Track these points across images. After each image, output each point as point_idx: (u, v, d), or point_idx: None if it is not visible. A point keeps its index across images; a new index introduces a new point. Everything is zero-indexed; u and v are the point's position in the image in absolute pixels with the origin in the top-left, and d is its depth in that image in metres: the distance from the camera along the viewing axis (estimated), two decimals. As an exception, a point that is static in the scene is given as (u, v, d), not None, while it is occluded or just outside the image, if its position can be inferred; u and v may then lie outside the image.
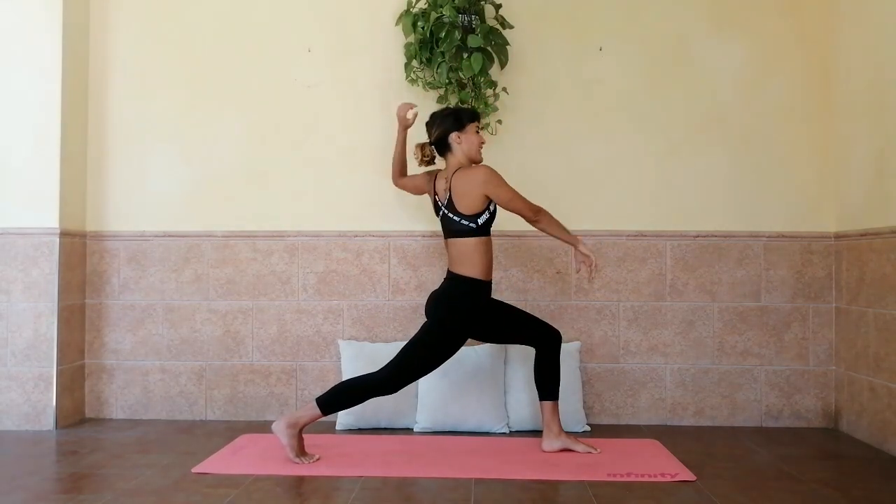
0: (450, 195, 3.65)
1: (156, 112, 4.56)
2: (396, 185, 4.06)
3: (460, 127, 3.72)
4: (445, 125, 3.72)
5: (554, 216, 3.71)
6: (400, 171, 4.03)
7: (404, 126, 3.97)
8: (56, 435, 4.14)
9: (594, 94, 4.47)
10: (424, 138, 3.88)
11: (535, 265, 4.45)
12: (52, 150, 4.29)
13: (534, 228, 4.41)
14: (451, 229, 3.67)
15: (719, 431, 4.27)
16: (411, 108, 3.95)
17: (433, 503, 3.10)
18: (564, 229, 3.72)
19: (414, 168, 4.03)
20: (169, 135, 4.56)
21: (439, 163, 3.84)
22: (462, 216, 3.62)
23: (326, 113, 4.53)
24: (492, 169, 3.64)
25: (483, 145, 3.78)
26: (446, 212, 3.67)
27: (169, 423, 4.39)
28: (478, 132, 3.76)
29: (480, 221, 3.63)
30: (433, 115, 3.81)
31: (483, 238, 3.65)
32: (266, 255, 4.51)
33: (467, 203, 3.62)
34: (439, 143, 3.75)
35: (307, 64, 4.54)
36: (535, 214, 3.67)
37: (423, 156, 3.80)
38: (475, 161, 3.75)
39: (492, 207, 3.66)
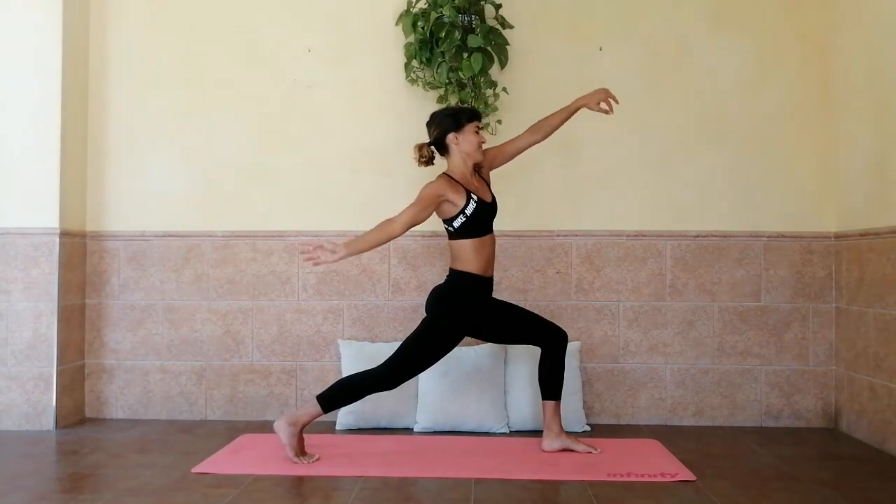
0: None
1: (156, 112, 4.56)
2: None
3: (458, 127, 3.69)
4: (443, 126, 3.70)
5: (376, 235, 3.53)
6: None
7: (585, 105, 3.89)
8: (56, 435, 4.14)
9: (594, 94, 4.46)
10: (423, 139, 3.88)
11: (535, 265, 4.45)
12: (52, 151, 4.29)
13: (534, 228, 4.44)
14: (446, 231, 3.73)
15: (719, 431, 4.27)
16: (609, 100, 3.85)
17: (433, 503, 3.10)
18: (366, 241, 3.54)
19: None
20: (169, 135, 4.56)
21: (439, 162, 3.83)
22: (443, 220, 3.67)
23: (326, 113, 4.54)
24: (428, 186, 3.59)
25: (483, 144, 3.76)
26: None
27: (169, 423, 4.39)
28: (477, 132, 3.73)
29: (456, 225, 3.63)
30: (432, 116, 3.78)
31: (469, 240, 3.64)
32: (266, 255, 4.52)
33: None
34: (437, 144, 3.74)
35: (307, 64, 4.54)
36: (396, 217, 3.55)
37: (422, 156, 3.77)
38: (475, 161, 3.74)
39: (467, 211, 3.61)
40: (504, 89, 4.40)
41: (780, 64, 4.45)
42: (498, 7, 4.39)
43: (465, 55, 4.28)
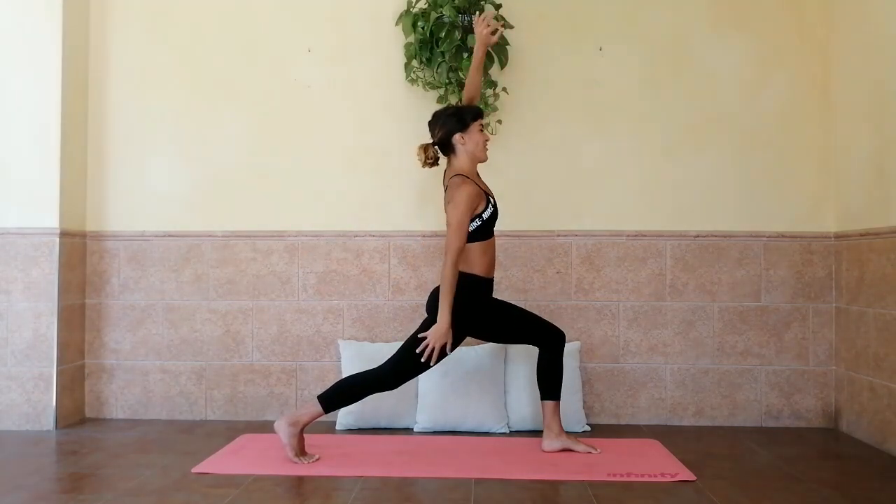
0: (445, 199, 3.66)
1: (156, 112, 4.56)
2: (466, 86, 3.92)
3: (464, 127, 3.66)
4: (448, 126, 3.67)
5: (452, 277, 3.50)
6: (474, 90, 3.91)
7: (484, 43, 3.84)
8: (56, 435, 4.14)
9: (594, 94, 4.47)
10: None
11: (535, 265, 4.45)
12: (52, 151, 4.29)
13: (534, 228, 4.45)
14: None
15: (719, 431, 4.27)
16: (489, 22, 3.84)
17: (433, 503, 3.10)
18: (446, 298, 3.50)
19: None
20: (169, 135, 4.56)
21: (442, 162, 3.83)
22: None
23: (326, 113, 4.53)
24: (466, 189, 3.54)
25: (488, 143, 3.75)
26: (446, 214, 3.66)
27: (169, 423, 4.39)
28: (482, 130, 3.71)
29: (470, 228, 3.59)
30: (435, 115, 3.76)
31: (478, 243, 3.62)
32: (266, 255, 4.52)
33: None
34: (442, 145, 3.71)
35: (307, 64, 4.54)
36: (445, 253, 3.53)
37: (427, 157, 3.73)
38: (480, 160, 3.72)
39: (484, 215, 3.61)
40: (504, 89, 4.40)
41: (780, 64, 4.45)
42: (498, 7, 4.39)
43: (465, 55, 4.28)
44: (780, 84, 4.45)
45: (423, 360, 3.53)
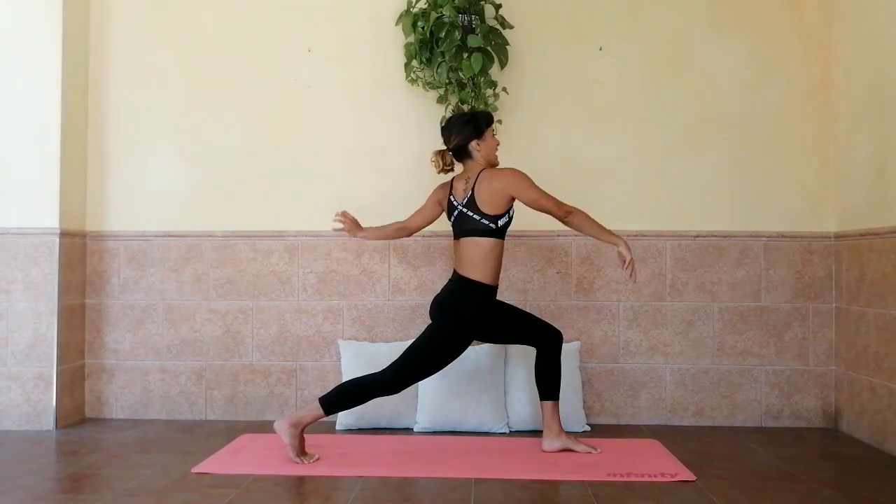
0: (471, 194, 3.65)
1: (156, 112, 4.56)
2: (411, 234, 4.06)
3: (480, 134, 3.72)
4: (464, 133, 3.71)
5: (589, 215, 3.68)
6: (398, 229, 4.02)
7: (357, 233, 4.02)
8: (56, 435, 4.14)
9: (594, 94, 4.47)
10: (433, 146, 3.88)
11: (535, 265, 4.45)
12: (52, 151, 4.29)
13: (534, 228, 4.44)
14: (467, 228, 3.66)
15: (719, 431, 4.27)
16: (343, 221, 3.99)
17: (433, 503, 3.10)
18: (602, 228, 3.68)
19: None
20: (169, 135, 4.56)
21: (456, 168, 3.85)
22: (483, 215, 3.62)
23: (326, 113, 4.54)
24: (520, 171, 3.67)
25: (498, 147, 3.81)
26: (464, 210, 3.66)
27: (169, 423, 4.39)
28: (494, 135, 3.78)
29: (500, 223, 3.64)
30: (450, 122, 3.79)
31: (498, 241, 3.66)
32: (266, 255, 4.52)
33: (492, 202, 3.62)
34: (458, 151, 3.76)
35: (307, 64, 4.54)
36: (565, 214, 3.66)
37: (444, 164, 3.82)
38: (493, 164, 3.77)
39: (511, 212, 3.68)
40: (504, 89, 4.40)
41: (780, 64, 4.45)
42: (498, 7, 4.39)
43: (465, 55, 4.29)
44: (780, 84, 4.45)
45: (629, 274, 3.62)
